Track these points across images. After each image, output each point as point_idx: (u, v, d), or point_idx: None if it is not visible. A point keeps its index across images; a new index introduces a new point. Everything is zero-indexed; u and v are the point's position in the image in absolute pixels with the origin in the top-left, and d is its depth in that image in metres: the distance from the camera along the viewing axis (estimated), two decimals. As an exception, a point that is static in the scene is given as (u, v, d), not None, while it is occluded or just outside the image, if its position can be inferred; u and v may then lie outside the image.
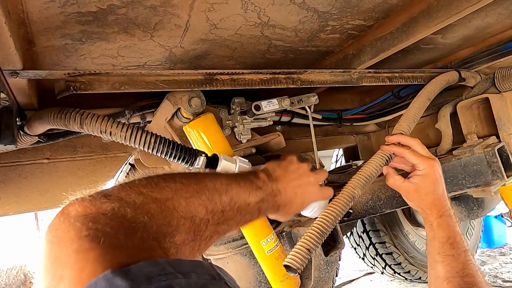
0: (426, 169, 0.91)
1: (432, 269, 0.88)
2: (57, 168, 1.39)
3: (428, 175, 0.91)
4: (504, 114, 1.31)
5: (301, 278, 1.16)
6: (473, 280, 0.82)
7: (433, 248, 0.89)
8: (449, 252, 0.86)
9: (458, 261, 0.84)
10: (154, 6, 0.76)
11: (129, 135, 0.95)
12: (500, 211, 3.93)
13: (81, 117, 0.95)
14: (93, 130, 0.95)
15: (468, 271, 0.83)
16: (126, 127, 0.95)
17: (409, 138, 0.97)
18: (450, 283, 0.82)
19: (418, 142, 0.96)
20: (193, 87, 1.02)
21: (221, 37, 0.97)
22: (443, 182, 0.94)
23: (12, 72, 0.78)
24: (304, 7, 0.89)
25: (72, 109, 0.95)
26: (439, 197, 0.91)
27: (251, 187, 0.69)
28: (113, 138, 0.95)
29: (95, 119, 0.94)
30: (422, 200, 0.92)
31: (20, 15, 0.69)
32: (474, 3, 0.88)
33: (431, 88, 1.27)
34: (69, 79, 0.87)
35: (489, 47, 1.45)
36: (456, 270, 0.83)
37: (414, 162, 0.92)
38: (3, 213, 1.31)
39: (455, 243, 0.87)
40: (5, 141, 0.82)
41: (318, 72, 1.21)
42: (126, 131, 0.95)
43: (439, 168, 0.93)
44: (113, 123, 0.95)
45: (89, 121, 0.94)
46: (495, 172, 1.16)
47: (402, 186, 0.94)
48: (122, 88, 0.94)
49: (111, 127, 0.95)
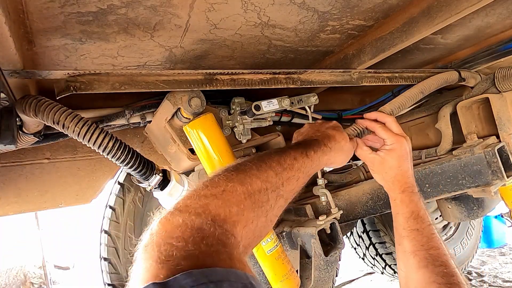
0: (394, 144, 0.96)
1: (400, 245, 0.91)
2: (57, 168, 1.39)
3: (395, 150, 0.96)
4: (504, 114, 1.31)
5: (301, 278, 1.16)
6: (438, 252, 0.84)
7: (398, 224, 0.93)
8: (413, 226, 0.89)
9: (422, 235, 0.87)
10: (154, 6, 0.75)
11: (84, 132, 0.85)
12: (500, 211, 3.94)
13: (37, 104, 0.85)
14: (46, 120, 0.86)
15: (433, 244, 0.85)
16: (83, 122, 0.86)
17: (386, 115, 1.03)
18: (416, 256, 0.85)
19: (393, 120, 1.01)
20: (193, 87, 1.02)
21: (221, 37, 0.97)
22: (409, 159, 0.98)
23: (12, 72, 0.78)
24: (304, 7, 0.89)
25: (33, 96, 0.87)
26: (403, 173, 0.96)
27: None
28: (67, 132, 0.87)
29: (50, 107, 0.85)
30: (385, 173, 0.97)
31: (20, 15, 0.69)
32: (474, 3, 0.88)
33: (427, 83, 1.27)
34: (69, 79, 0.87)
35: (489, 47, 1.45)
36: (421, 244, 0.86)
37: (383, 137, 0.98)
38: (3, 213, 1.31)
39: (419, 218, 0.90)
40: (5, 141, 0.82)
41: (318, 72, 1.21)
42: (81, 127, 0.85)
43: (407, 145, 0.98)
44: (68, 115, 0.85)
45: (43, 109, 0.85)
46: (495, 172, 1.16)
47: (368, 157, 0.99)
48: (122, 88, 0.93)
49: (65, 119, 0.85)
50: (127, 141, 1.43)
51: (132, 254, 2.17)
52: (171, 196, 1.04)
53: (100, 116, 1.22)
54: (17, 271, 5.50)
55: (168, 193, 1.03)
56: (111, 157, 0.90)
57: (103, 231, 2.03)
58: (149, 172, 0.97)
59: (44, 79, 0.85)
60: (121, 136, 1.42)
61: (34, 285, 5.48)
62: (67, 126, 0.85)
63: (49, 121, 0.86)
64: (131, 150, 0.93)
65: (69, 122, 0.86)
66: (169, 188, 1.02)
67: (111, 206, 2.04)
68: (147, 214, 2.10)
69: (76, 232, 7.18)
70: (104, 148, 0.88)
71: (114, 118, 1.21)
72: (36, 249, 5.23)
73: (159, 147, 1.39)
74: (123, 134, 1.43)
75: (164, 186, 1.02)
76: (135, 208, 2.06)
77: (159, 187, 1.02)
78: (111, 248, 2.00)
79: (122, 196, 2.05)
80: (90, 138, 0.86)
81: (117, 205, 2.03)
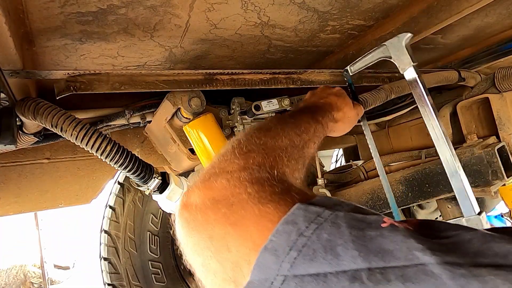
0: None
1: None
2: (57, 168, 1.39)
3: None
4: (504, 114, 1.31)
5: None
6: None
7: None
8: None
9: None
10: (154, 6, 0.75)
11: (82, 135, 0.85)
12: (500, 211, 3.94)
13: (36, 106, 0.85)
14: (45, 123, 0.85)
15: None
16: (81, 126, 0.85)
17: None
18: None
19: None
20: (193, 87, 1.02)
21: (221, 37, 0.97)
22: None
23: (12, 72, 0.78)
24: (304, 7, 0.88)
25: (32, 99, 0.87)
26: None
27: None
28: (65, 135, 0.86)
29: (48, 110, 0.84)
30: None
31: (20, 15, 0.69)
32: (474, 3, 0.88)
33: (427, 76, 1.27)
34: (69, 79, 0.87)
35: (489, 47, 1.45)
36: None
37: None
38: (3, 213, 1.31)
39: None
40: (5, 141, 0.82)
41: (318, 72, 1.21)
42: (79, 131, 0.85)
43: None
44: (66, 118, 0.85)
45: (42, 112, 0.84)
46: (495, 172, 1.17)
47: None
48: (122, 88, 0.93)
49: (63, 122, 0.84)
50: (127, 141, 1.43)
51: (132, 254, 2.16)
52: (170, 199, 1.04)
53: (100, 116, 1.22)
54: (17, 271, 5.50)
55: (167, 196, 1.03)
56: (109, 161, 0.89)
57: (103, 231, 2.03)
58: (148, 175, 0.96)
59: (44, 79, 0.85)
60: (121, 136, 1.42)
61: (34, 285, 5.48)
62: (65, 129, 0.85)
63: (47, 124, 0.85)
64: (129, 153, 0.92)
65: (67, 125, 0.85)
66: (168, 191, 1.02)
67: (111, 206, 2.04)
68: (147, 214, 2.10)
69: (76, 232, 7.19)
70: (102, 152, 0.87)
71: (114, 118, 1.21)
72: (36, 249, 5.23)
73: (159, 147, 1.39)
74: (123, 134, 1.43)
75: (163, 189, 1.02)
76: (135, 208, 2.06)
77: (158, 190, 1.02)
78: (111, 248, 2.00)
79: (122, 196, 2.05)
80: (88, 142, 0.86)
81: (117, 205, 2.04)
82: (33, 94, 0.97)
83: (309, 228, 0.36)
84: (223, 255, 0.41)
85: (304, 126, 0.71)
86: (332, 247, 0.34)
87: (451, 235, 0.34)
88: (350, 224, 0.36)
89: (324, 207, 0.38)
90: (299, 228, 0.36)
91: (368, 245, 0.33)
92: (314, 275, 0.33)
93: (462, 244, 0.32)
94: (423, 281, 0.29)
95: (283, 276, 0.34)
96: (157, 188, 1.01)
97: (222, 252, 0.41)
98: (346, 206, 0.40)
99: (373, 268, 0.31)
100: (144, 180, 0.97)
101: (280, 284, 0.34)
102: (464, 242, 0.32)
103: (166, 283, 2.10)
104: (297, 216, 0.38)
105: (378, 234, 0.34)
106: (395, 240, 0.33)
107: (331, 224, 0.36)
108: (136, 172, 0.93)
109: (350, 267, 0.32)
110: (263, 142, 0.58)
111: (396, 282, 0.29)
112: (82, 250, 6.40)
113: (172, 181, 1.04)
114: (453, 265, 0.29)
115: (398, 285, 0.29)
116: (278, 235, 0.37)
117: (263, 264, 0.36)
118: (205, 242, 0.43)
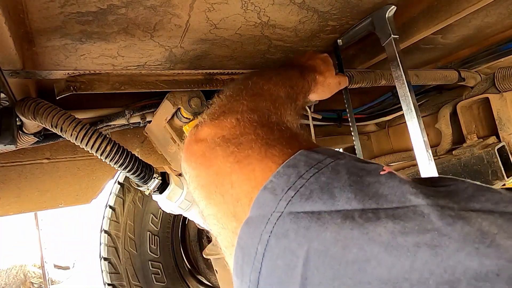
0: None
1: None
2: (57, 168, 1.39)
3: None
4: (504, 114, 1.31)
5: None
6: None
7: None
8: None
9: None
10: (154, 6, 0.75)
11: (82, 136, 0.85)
12: (500, 211, 3.94)
13: (36, 107, 0.85)
14: (45, 123, 0.86)
15: None
16: (80, 126, 0.86)
17: None
18: None
19: None
20: (193, 87, 1.02)
21: (221, 37, 0.97)
22: None
23: (12, 72, 0.78)
24: (304, 7, 0.88)
25: (32, 99, 0.87)
26: None
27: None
28: (64, 135, 0.87)
29: (48, 110, 0.85)
30: None
31: (20, 15, 0.69)
32: (474, 3, 0.88)
33: (425, 72, 1.28)
34: (69, 79, 0.87)
35: (489, 47, 1.45)
36: None
37: None
38: (3, 213, 1.31)
39: None
40: (5, 141, 0.82)
41: (318, 72, 1.21)
42: (79, 131, 0.85)
43: None
44: (66, 118, 0.85)
45: (42, 112, 0.85)
46: (495, 172, 1.17)
47: None
48: (122, 88, 0.93)
49: (63, 122, 0.85)
50: (127, 141, 1.43)
51: (132, 254, 2.17)
52: (170, 199, 1.04)
53: (100, 116, 1.22)
54: (17, 271, 5.50)
55: (167, 196, 1.03)
56: (109, 161, 0.89)
57: (103, 231, 2.03)
58: (147, 175, 0.97)
59: (44, 79, 0.85)
60: (121, 136, 1.42)
61: (34, 285, 5.49)
62: (65, 129, 0.85)
63: (47, 124, 0.85)
64: (129, 153, 0.92)
65: (67, 125, 0.85)
66: (168, 191, 1.02)
67: (111, 206, 2.04)
68: (147, 214, 2.10)
69: (76, 232, 7.19)
70: (102, 152, 0.87)
71: (114, 118, 1.21)
72: (36, 249, 5.23)
73: (159, 147, 1.39)
74: (123, 134, 1.43)
75: (163, 189, 1.02)
76: (135, 208, 2.06)
77: (158, 191, 1.02)
78: (111, 248, 2.00)
79: (122, 196, 2.05)
80: (88, 142, 0.86)
81: (117, 205, 2.04)
82: (33, 94, 0.97)
83: (309, 172, 0.37)
84: (227, 191, 0.43)
85: (295, 81, 0.75)
86: (329, 189, 0.35)
87: (448, 185, 0.35)
88: (350, 171, 0.37)
89: (327, 155, 0.40)
90: (299, 171, 0.38)
91: (365, 190, 0.34)
92: (308, 212, 0.34)
93: (456, 192, 0.33)
94: (412, 219, 0.29)
95: (279, 213, 0.35)
96: (157, 188, 1.01)
97: (226, 188, 0.43)
98: (349, 156, 0.41)
99: (366, 209, 0.32)
100: (144, 180, 0.97)
101: (276, 220, 0.35)
102: (459, 190, 0.33)
103: (166, 283, 2.10)
104: (299, 161, 0.39)
105: (376, 181, 0.35)
106: (390, 186, 0.34)
107: (331, 170, 0.37)
108: (136, 172, 0.93)
109: (344, 207, 0.33)
110: (267, 88, 0.61)
111: (386, 220, 0.30)
112: (82, 250, 6.41)
113: (172, 181, 1.04)
114: (443, 207, 0.30)
115: (387, 222, 0.30)
116: (278, 176, 0.39)
117: (261, 202, 0.38)
118: (211, 177, 0.45)
